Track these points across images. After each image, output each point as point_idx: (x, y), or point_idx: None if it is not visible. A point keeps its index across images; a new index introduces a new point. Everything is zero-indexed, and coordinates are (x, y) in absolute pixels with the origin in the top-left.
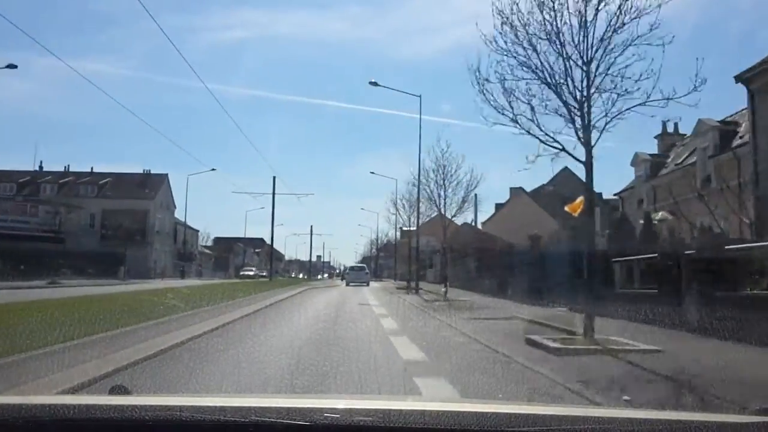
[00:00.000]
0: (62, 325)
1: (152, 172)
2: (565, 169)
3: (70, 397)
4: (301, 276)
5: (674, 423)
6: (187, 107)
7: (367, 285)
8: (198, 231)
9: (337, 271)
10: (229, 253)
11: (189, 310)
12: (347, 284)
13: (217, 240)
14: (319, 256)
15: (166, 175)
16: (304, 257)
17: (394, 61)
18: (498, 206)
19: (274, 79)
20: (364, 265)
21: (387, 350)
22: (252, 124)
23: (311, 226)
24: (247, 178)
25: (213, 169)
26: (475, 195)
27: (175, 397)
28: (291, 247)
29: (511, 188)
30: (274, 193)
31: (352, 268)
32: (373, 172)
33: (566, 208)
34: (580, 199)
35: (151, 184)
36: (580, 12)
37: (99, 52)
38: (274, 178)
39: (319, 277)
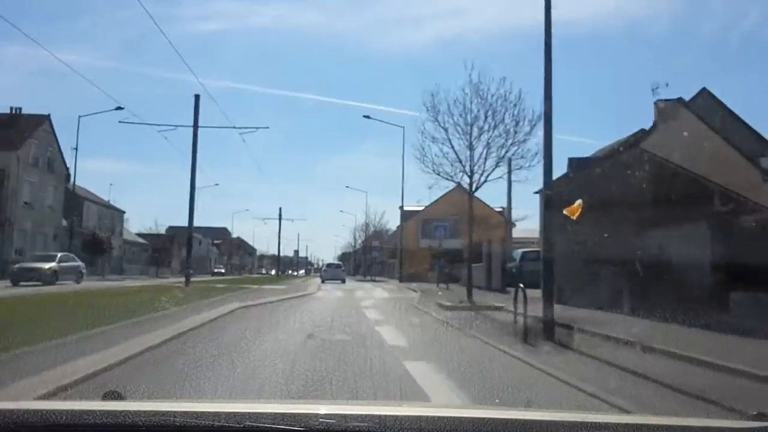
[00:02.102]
0: None
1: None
2: (703, 91)
3: (63, 403)
4: (273, 273)
5: (673, 428)
6: (160, 97)
7: (343, 282)
8: (124, 213)
9: (316, 266)
10: (173, 245)
11: None
12: (323, 281)
13: (171, 229)
14: (296, 251)
15: (47, 116)
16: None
17: (372, 53)
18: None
19: (251, 70)
20: (341, 263)
21: None
22: (229, 116)
23: (280, 209)
24: (227, 171)
25: (119, 108)
26: None
27: (169, 402)
28: (263, 240)
29: (657, 103)
30: (196, 122)
31: (328, 266)
32: (367, 116)
33: (565, 212)
34: (578, 202)
35: (18, 130)
36: None
37: (70, 41)
38: (197, 96)
39: (292, 272)
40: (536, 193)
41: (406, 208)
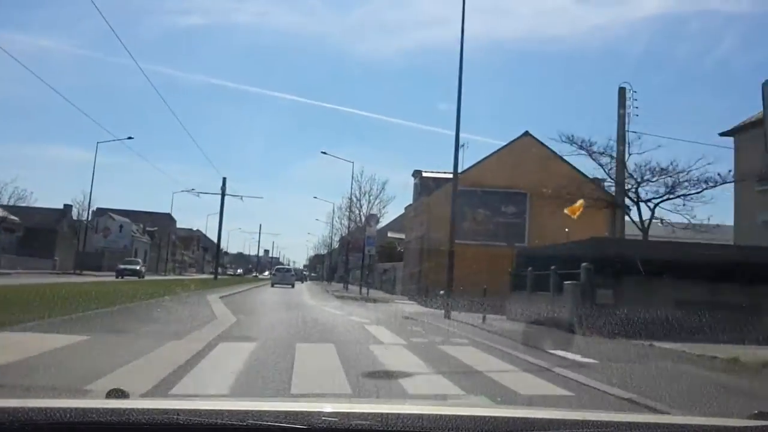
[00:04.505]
0: None
1: None
2: None
3: (68, 401)
4: (230, 273)
5: (673, 427)
6: (130, 88)
7: (292, 287)
8: None
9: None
10: (59, 224)
11: None
12: (272, 285)
13: (99, 212)
14: (266, 251)
15: None
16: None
17: (353, 57)
18: None
19: (230, 67)
20: (290, 268)
21: None
22: (204, 112)
23: (223, 179)
24: (178, 164)
25: None
26: None
27: (173, 400)
28: (238, 242)
29: None
30: None
31: (278, 270)
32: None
33: (566, 211)
34: (580, 201)
35: None
36: None
37: (45, 28)
38: None
39: (252, 273)
40: (725, 134)
41: (426, 175)
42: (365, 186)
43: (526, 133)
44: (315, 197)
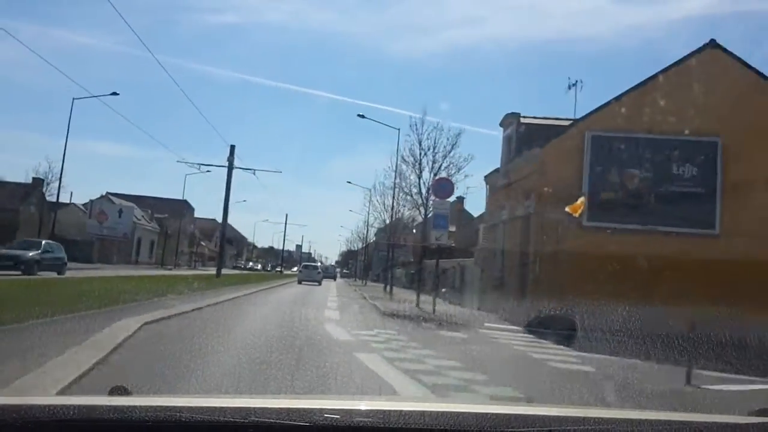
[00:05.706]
0: None
1: None
2: None
3: (70, 398)
4: (246, 267)
5: (674, 424)
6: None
7: (319, 284)
8: None
9: (318, 263)
10: (24, 202)
11: None
12: (299, 282)
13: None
14: (298, 245)
15: None
16: (284, 246)
17: (386, 57)
18: None
19: (263, 65)
20: (318, 264)
21: None
22: (237, 108)
23: (231, 147)
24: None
25: None
26: None
27: (175, 397)
28: (266, 235)
29: None
30: None
31: (305, 266)
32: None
33: (567, 209)
34: (581, 199)
35: None
36: None
37: (87, 26)
38: None
39: (277, 268)
40: None
41: (526, 121)
42: (427, 141)
43: (713, 43)
44: (348, 182)
